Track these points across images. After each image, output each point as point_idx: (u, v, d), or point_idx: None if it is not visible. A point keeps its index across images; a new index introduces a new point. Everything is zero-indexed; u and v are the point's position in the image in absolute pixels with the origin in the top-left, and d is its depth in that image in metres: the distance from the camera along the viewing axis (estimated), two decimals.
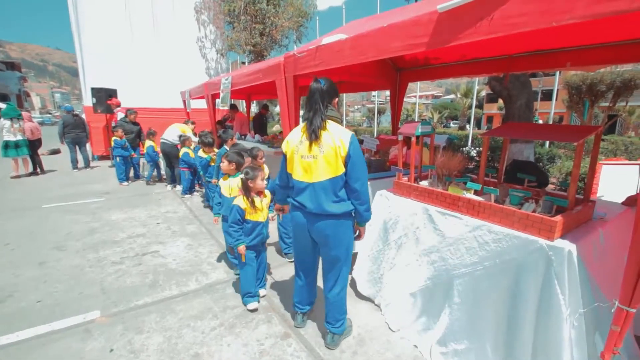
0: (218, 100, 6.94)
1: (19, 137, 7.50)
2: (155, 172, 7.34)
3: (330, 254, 2.05)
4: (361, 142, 3.64)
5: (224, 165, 2.92)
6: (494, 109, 35.93)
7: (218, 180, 4.18)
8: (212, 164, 4.71)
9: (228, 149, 4.36)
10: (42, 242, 3.94)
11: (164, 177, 7.20)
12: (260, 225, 2.57)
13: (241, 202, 2.47)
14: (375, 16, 4.16)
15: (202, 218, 4.84)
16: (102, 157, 10.23)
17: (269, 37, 11.54)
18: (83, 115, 9.45)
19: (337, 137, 1.86)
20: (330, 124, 1.93)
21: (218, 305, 2.66)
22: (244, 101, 11.14)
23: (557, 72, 9.46)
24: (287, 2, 11.74)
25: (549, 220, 1.67)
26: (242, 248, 2.48)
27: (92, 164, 9.60)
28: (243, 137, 6.61)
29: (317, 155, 1.88)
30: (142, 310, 2.59)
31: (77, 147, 8.52)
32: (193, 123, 6.74)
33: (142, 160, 7.55)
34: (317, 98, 1.90)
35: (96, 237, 4.11)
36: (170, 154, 6.41)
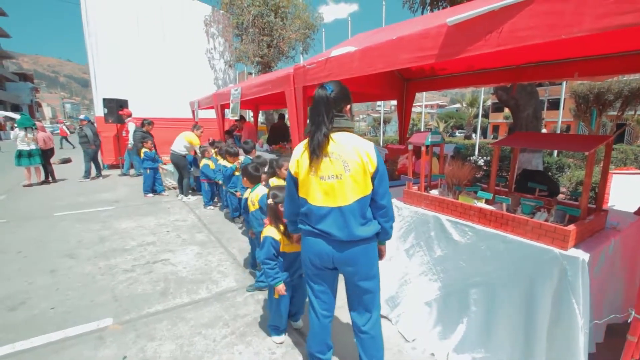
0: (227, 111, 7.06)
1: (33, 147, 7.67)
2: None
3: (362, 282, 1.76)
4: None
5: (244, 180, 2.92)
6: (499, 118, 35.89)
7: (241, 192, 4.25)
8: (237, 174, 4.74)
9: (251, 158, 4.47)
10: (53, 250, 4.00)
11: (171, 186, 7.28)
12: (297, 255, 2.14)
13: (274, 232, 2.12)
14: (383, 29, 4.23)
15: (211, 227, 4.88)
16: (112, 166, 10.39)
17: (276, 49, 11.74)
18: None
19: (362, 151, 1.59)
20: (347, 136, 1.64)
21: (229, 313, 2.67)
22: (250, 111, 11.30)
23: (564, 82, 9.47)
24: (295, 15, 11.98)
25: (562, 229, 1.67)
26: (280, 288, 2.13)
27: (102, 172, 9.75)
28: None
29: (342, 175, 1.59)
30: (153, 318, 2.60)
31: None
32: (200, 128, 6.65)
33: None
34: (320, 109, 1.62)
35: (107, 245, 4.16)
36: (178, 164, 6.46)
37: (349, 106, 1.74)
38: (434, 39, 2.25)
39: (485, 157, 8.09)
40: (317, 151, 1.59)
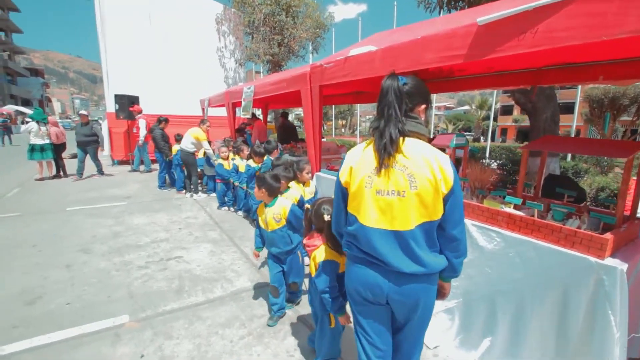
0: (238, 109, 7.05)
1: (46, 141, 7.72)
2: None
3: (414, 329, 1.45)
4: None
5: (255, 191, 2.44)
6: (508, 121, 35.56)
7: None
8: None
9: (272, 159, 4.37)
10: (67, 244, 4.01)
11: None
12: None
13: (332, 255, 1.75)
14: (401, 28, 4.19)
15: (222, 225, 4.87)
16: (122, 162, 10.45)
17: (287, 48, 11.73)
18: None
19: (435, 165, 1.24)
20: (418, 144, 1.29)
21: (245, 313, 2.64)
22: (259, 109, 11.31)
23: (580, 85, 9.32)
24: (306, 14, 11.95)
25: (599, 237, 1.62)
26: (345, 319, 1.77)
27: (109, 169, 9.82)
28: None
29: (406, 192, 1.25)
30: (170, 316, 2.59)
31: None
32: (207, 122, 6.53)
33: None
34: (390, 100, 1.27)
35: (120, 240, 4.16)
36: (187, 161, 6.45)
37: (423, 106, 1.38)
38: (462, 39, 2.20)
39: (497, 160, 7.99)
40: (389, 149, 1.25)
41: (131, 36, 10.46)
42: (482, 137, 26.24)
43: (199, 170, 6.69)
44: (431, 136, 5.07)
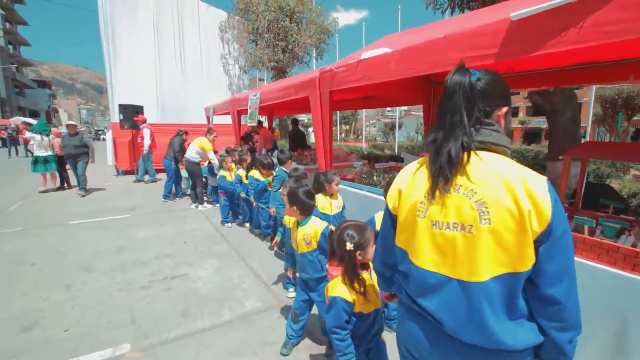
0: (243, 116, 6.90)
1: (49, 153, 7.63)
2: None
3: None
4: (401, 160, 3.39)
5: (287, 208, 2.26)
6: (514, 122, 35.12)
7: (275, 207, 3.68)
8: (269, 189, 4.19)
9: (286, 171, 3.97)
10: (68, 261, 3.84)
11: (188, 192, 7.12)
12: (376, 312, 1.63)
13: (345, 292, 1.52)
14: (412, 30, 4.00)
15: (229, 237, 4.67)
16: (127, 172, 10.34)
17: (291, 54, 11.62)
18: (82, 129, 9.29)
19: (519, 189, 0.86)
20: (495, 160, 0.93)
21: (255, 340, 2.43)
22: (264, 117, 11.19)
23: (593, 86, 9.06)
24: (309, 20, 11.86)
25: None
26: None
27: (114, 180, 9.71)
28: (269, 152, 6.48)
29: (474, 226, 0.90)
30: (175, 345, 2.38)
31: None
32: (214, 132, 6.31)
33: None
34: (458, 103, 0.94)
35: (123, 256, 3.98)
36: (192, 171, 6.28)
37: (504, 109, 1.01)
38: (492, 37, 2.00)
39: None
40: (446, 172, 0.93)
41: (135, 46, 10.44)
42: None
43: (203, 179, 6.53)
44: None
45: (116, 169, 10.68)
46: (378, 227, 2.25)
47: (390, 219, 1.12)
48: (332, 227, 1.69)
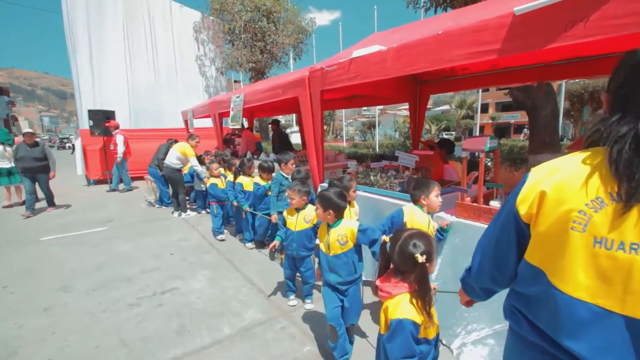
0: (226, 119, 6.67)
1: (13, 164, 7.06)
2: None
3: None
4: (396, 158, 3.36)
5: (319, 212, 2.13)
6: (485, 118, 36.49)
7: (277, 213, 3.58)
8: (269, 194, 3.95)
9: (285, 175, 3.81)
10: (45, 282, 3.53)
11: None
12: (437, 337, 1.44)
13: (413, 313, 1.31)
14: (402, 27, 3.98)
15: (218, 246, 4.47)
16: (99, 182, 9.78)
17: (270, 54, 11.44)
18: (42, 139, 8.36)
19: None
20: None
21: (261, 354, 2.30)
22: (244, 119, 10.94)
23: (564, 81, 9.49)
24: (286, 20, 11.73)
25: None
26: None
27: (85, 190, 9.17)
28: (256, 156, 6.30)
29: None
30: None
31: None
32: (196, 138, 6.05)
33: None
34: None
35: (105, 273, 3.71)
36: (172, 178, 6.00)
37: None
38: (494, 32, 1.98)
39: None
40: (628, 171, 0.69)
41: (103, 48, 9.90)
42: (463, 136, 26.72)
43: (186, 186, 6.26)
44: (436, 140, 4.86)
45: (87, 178, 10.07)
46: (406, 219, 2.19)
47: (517, 226, 0.88)
48: (386, 238, 1.53)
